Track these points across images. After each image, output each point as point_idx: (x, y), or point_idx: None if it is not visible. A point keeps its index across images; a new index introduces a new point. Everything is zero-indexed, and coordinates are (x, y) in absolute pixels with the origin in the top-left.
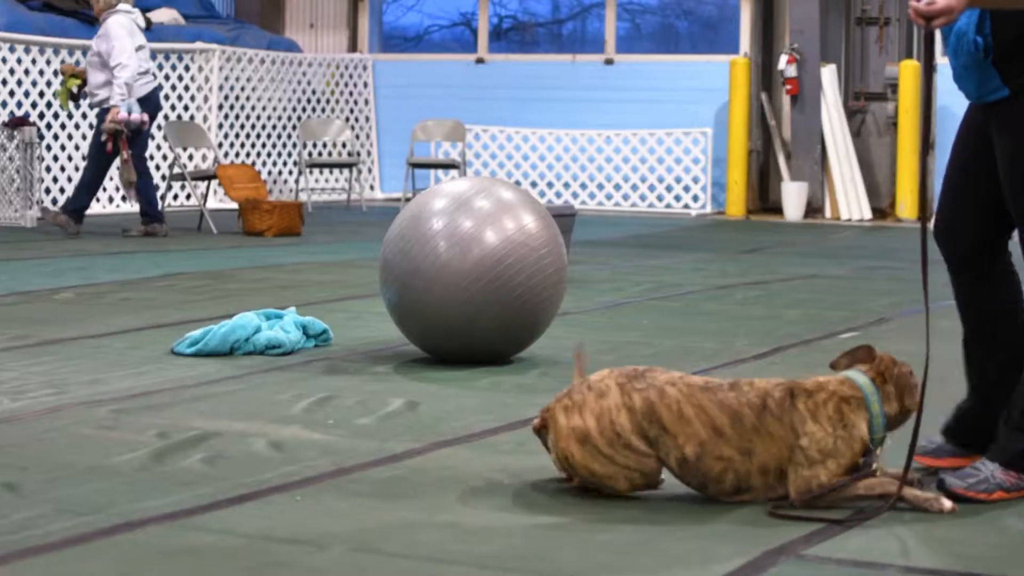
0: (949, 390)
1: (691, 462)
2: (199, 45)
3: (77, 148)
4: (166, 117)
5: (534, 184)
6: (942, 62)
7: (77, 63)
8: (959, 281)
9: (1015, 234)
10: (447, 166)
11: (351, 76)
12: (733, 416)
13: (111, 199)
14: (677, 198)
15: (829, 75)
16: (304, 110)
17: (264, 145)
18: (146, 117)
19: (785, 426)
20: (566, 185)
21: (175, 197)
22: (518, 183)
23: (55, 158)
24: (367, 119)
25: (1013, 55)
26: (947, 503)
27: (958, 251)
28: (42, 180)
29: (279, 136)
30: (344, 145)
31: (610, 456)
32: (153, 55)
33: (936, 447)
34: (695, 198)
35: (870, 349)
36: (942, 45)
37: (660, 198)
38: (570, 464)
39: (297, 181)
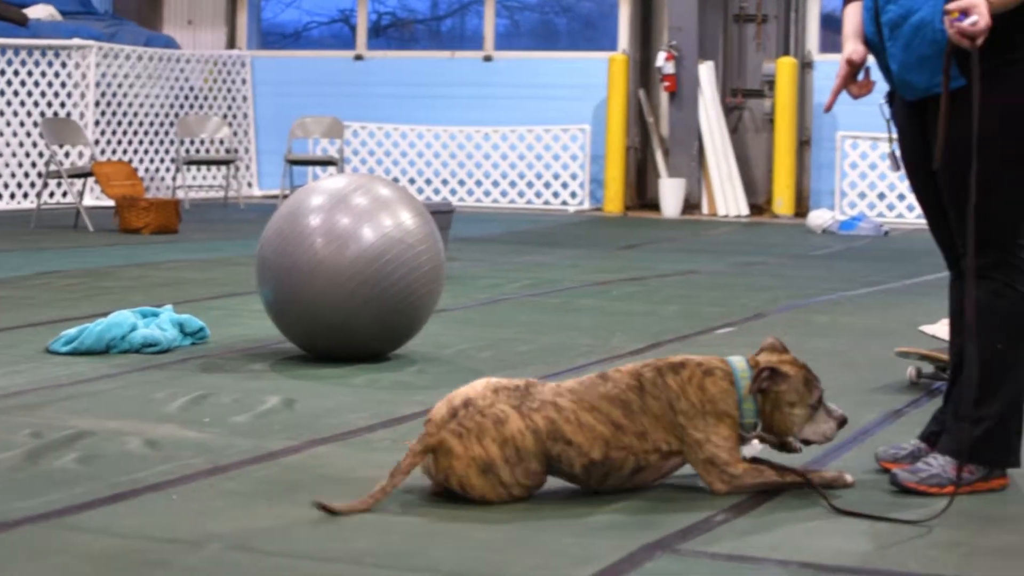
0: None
1: (598, 462)
2: (76, 41)
3: None
4: (42, 114)
5: (412, 181)
6: (819, 59)
7: None
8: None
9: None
10: (325, 163)
11: (229, 73)
12: (623, 406)
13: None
14: (555, 195)
15: (707, 72)
16: (182, 107)
17: (141, 142)
18: None
19: (662, 403)
20: (444, 182)
21: (51, 195)
22: (396, 180)
23: None
24: (245, 116)
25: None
26: (848, 477)
27: (943, 251)
28: None
29: (156, 133)
30: (222, 142)
31: (508, 485)
32: (30, 51)
33: (909, 451)
34: (573, 195)
35: (783, 347)
36: (872, 40)
37: (538, 195)
38: (464, 490)
39: (174, 178)
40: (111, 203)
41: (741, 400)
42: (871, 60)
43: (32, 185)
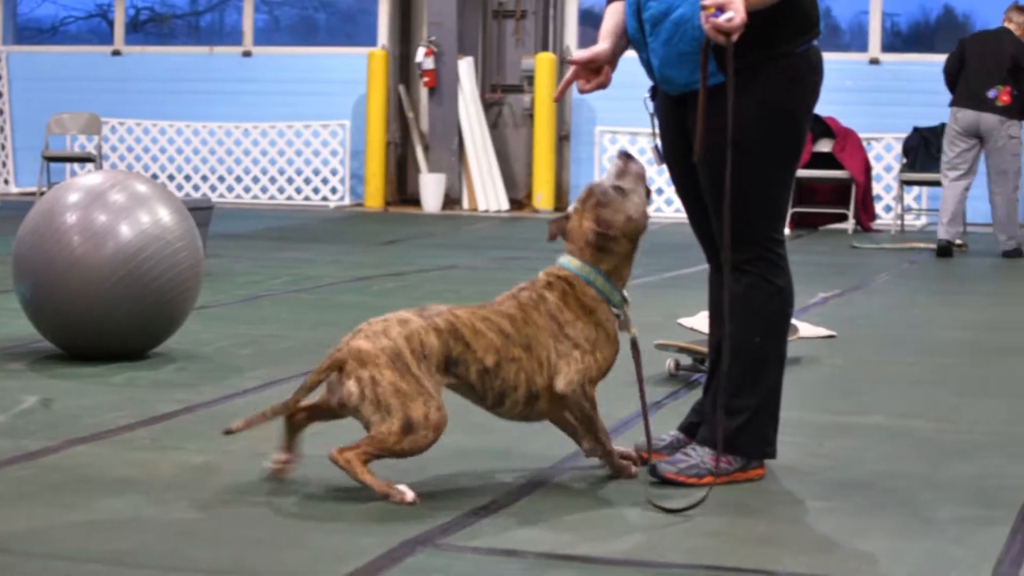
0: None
1: (491, 371)
2: None
3: None
4: None
5: (172, 178)
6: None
7: None
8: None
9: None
10: (83, 160)
11: None
12: (510, 318)
13: None
14: (316, 191)
15: (466, 68)
16: None
17: None
18: None
19: (544, 315)
20: (204, 178)
21: None
22: (155, 177)
23: None
24: (0, 112)
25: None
26: (634, 469)
27: (703, 245)
28: None
29: None
30: None
31: (417, 376)
32: None
33: (669, 442)
34: (333, 190)
35: (567, 217)
36: (634, 35)
37: (299, 190)
38: (374, 391)
39: None
40: None
41: (601, 291)
42: (631, 54)
43: None
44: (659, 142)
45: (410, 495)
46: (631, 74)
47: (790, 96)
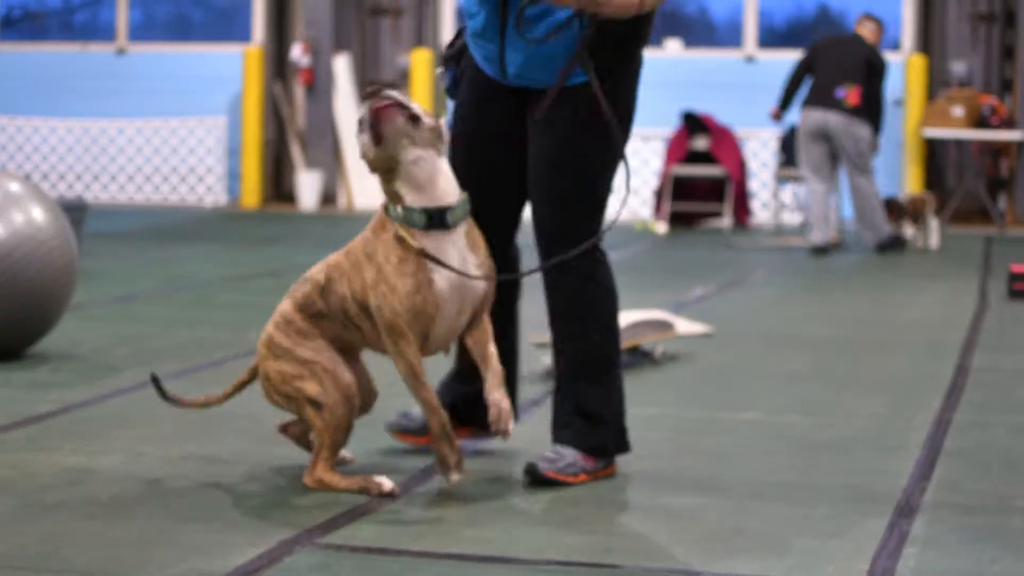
0: None
1: (325, 287)
2: None
3: None
4: None
5: (45, 176)
6: None
7: None
8: None
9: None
10: None
11: None
12: (356, 250)
13: None
14: (191, 189)
15: (343, 64)
16: None
17: None
18: None
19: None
20: (78, 177)
21: None
22: (28, 175)
23: None
24: None
25: (597, 43)
26: (455, 477)
27: (494, 238)
28: None
29: None
30: None
31: (290, 349)
32: None
33: (420, 424)
34: (209, 189)
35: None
36: (487, 28)
37: (174, 189)
38: (270, 388)
39: None
40: None
41: (400, 216)
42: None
43: None
44: (448, 119)
45: (388, 485)
46: None
47: (633, 101)
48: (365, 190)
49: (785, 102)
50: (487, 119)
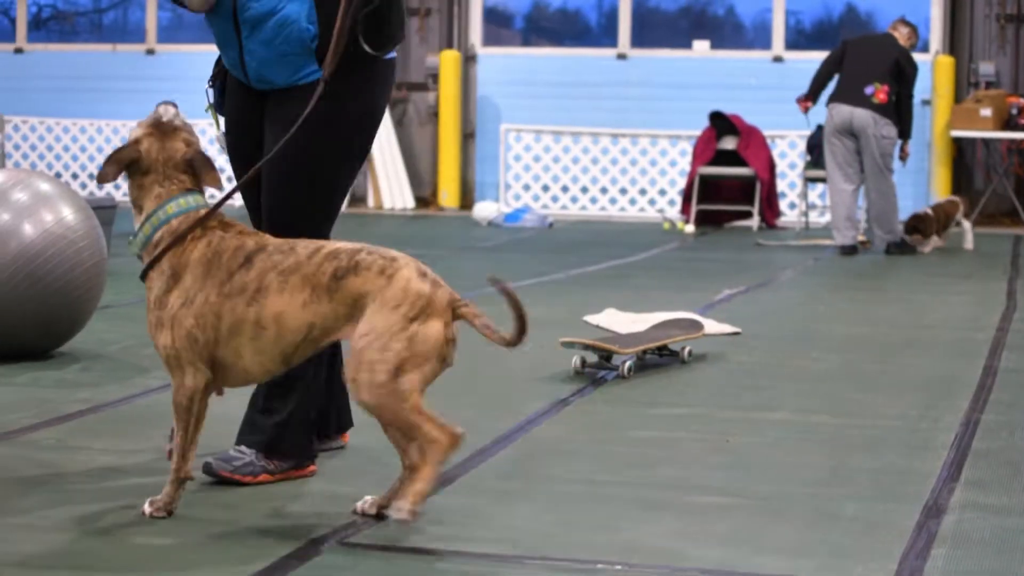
0: (489, 374)
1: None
2: None
3: None
4: None
5: (75, 176)
6: (482, 52)
7: None
8: None
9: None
10: None
11: None
12: None
13: None
14: (212, 197)
15: None
16: None
17: None
18: None
19: None
20: None
21: None
22: (59, 175)
23: None
24: None
25: (326, 45)
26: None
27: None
28: None
29: None
30: None
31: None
32: None
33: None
34: None
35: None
36: (227, 34)
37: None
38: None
39: None
40: None
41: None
42: (532, 52)
43: None
44: (223, 132)
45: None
46: (535, 71)
47: (377, 100)
48: (392, 191)
49: (812, 93)
50: (243, 122)
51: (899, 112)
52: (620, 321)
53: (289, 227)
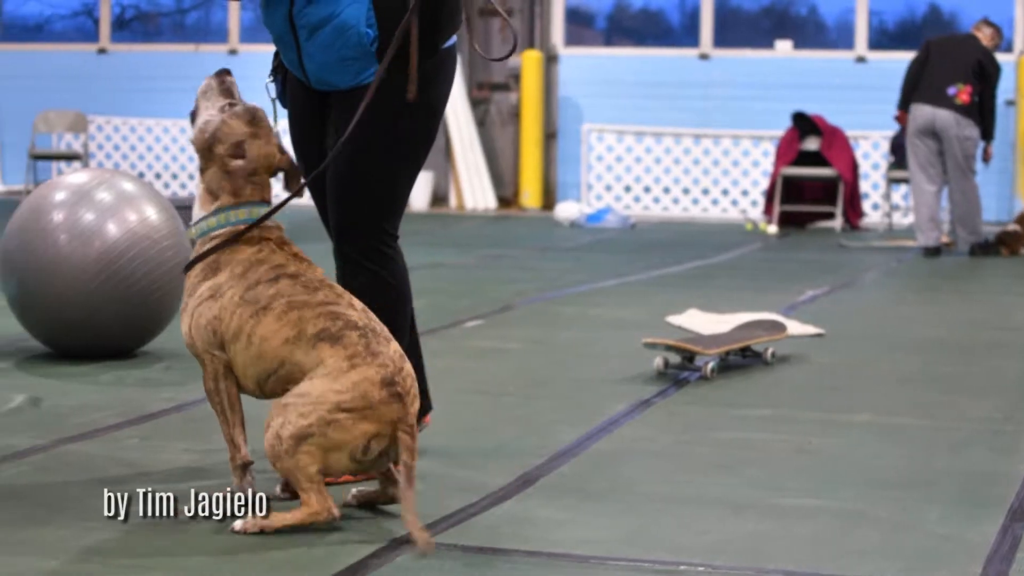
0: (571, 375)
1: None
2: None
3: None
4: None
5: (158, 175)
6: (564, 53)
7: None
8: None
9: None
10: (70, 157)
11: None
12: None
13: None
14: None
15: None
16: None
17: None
18: None
19: None
20: (191, 177)
21: None
22: (142, 175)
23: None
24: None
25: (386, 46)
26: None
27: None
28: None
29: None
30: None
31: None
32: None
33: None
34: None
35: None
36: (284, 36)
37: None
38: None
39: None
40: None
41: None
42: (621, 52)
43: None
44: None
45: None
46: (617, 72)
47: (438, 91)
48: (474, 191)
49: (905, 101)
50: (304, 119)
51: (982, 113)
52: (703, 322)
53: (356, 224)
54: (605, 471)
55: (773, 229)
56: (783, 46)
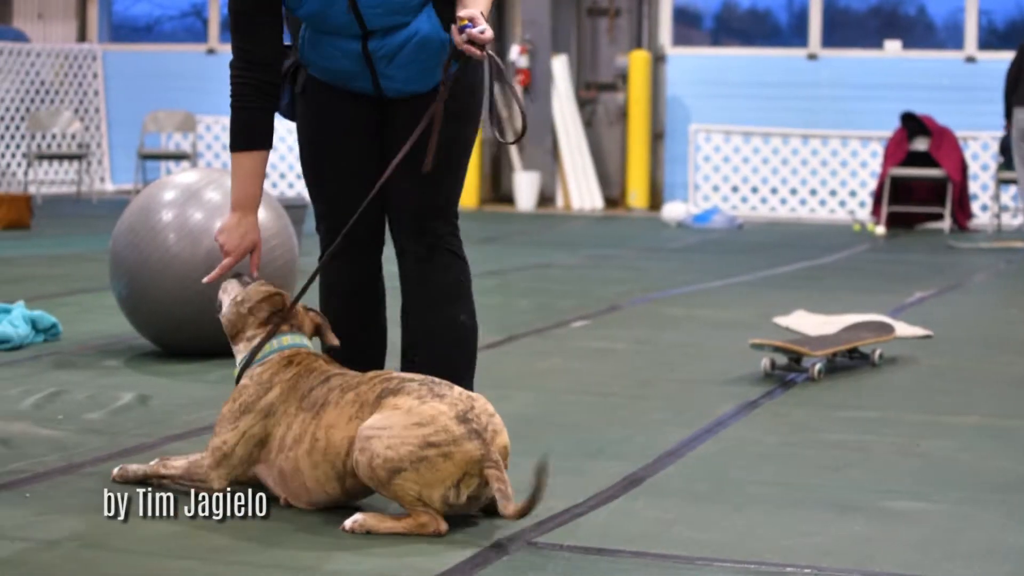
0: (677, 375)
1: None
2: None
3: None
4: None
5: (266, 176)
6: (672, 53)
7: None
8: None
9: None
10: (178, 157)
11: (80, 67)
12: None
13: None
14: None
15: (561, 65)
16: (32, 101)
17: None
18: None
19: None
20: (299, 176)
21: None
22: None
23: None
24: (97, 110)
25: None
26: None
27: (367, 235)
28: None
29: (7, 128)
30: (73, 136)
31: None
32: None
33: None
34: None
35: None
36: (352, 70)
37: None
38: None
39: (26, 173)
40: None
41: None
42: (724, 52)
43: None
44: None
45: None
46: (724, 72)
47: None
48: (581, 191)
49: (1009, 109)
50: (355, 129)
51: None
52: (810, 323)
53: (438, 214)
54: (711, 472)
55: (881, 230)
56: (892, 46)
